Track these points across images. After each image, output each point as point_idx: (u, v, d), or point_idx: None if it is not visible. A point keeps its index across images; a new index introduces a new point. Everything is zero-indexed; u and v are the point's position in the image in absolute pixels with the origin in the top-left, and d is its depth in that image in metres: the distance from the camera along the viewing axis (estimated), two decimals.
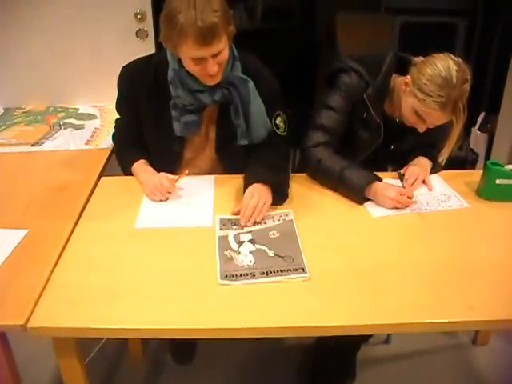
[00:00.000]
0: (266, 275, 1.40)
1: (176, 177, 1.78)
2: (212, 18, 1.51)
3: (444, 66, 1.66)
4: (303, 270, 1.42)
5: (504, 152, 3.24)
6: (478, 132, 3.52)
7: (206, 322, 1.26)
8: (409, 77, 1.76)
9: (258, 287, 1.37)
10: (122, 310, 1.28)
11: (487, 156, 3.43)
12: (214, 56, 1.58)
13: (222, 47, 1.59)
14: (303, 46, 5.14)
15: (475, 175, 1.90)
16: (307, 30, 5.17)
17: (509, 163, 1.84)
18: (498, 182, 1.79)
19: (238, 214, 1.65)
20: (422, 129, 1.80)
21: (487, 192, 1.81)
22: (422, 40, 4.08)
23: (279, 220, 1.65)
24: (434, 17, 4.48)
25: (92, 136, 2.34)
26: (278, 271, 1.41)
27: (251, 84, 1.76)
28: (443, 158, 1.87)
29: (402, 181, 1.84)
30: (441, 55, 1.71)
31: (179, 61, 1.68)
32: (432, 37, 4.18)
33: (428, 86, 1.66)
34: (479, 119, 3.55)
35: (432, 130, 1.83)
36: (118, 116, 2.00)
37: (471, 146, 3.60)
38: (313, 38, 5.15)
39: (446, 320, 1.29)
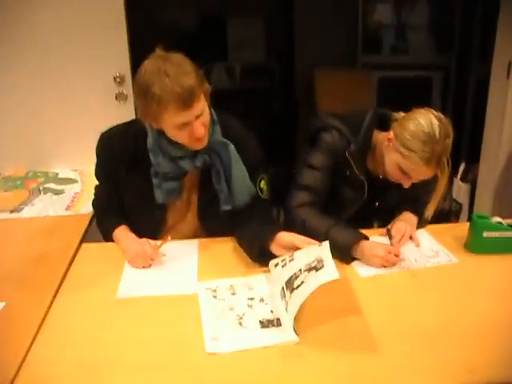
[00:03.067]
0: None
1: (159, 243, 1.74)
2: (187, 80, 1.51)
3: (426, 121, 1.66)
4: (292, 333, 1.36)
5: (487, 201, 3.25)
6: (460, 182, 3.54)
7: None
8: (392, 133, 1.76)
9: (247, 355, 1.31)
10: None
11: (471, 205, 3.45)
12: (197, 118, 1.57)
13: (203, 107, 1.58)
14: (282, 105, 5.21)
15: (462, 228, 1.88)
16: (286, 89, 5.26)
17: (493, 213, 1.83)
18: (485, 235, 1.77)
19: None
20: (406, 184, 1.79)
21: (475, 245, 1.79)
22: (399, 93, 4.18)
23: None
24: (409, 71, 4.59)
25: (72, 201, 2.31)
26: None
27: (232, 147, 1.74)
28: (429, 213, 1.86)
29: (390, 238, 1.81)
30: (422, 110, 1.72)
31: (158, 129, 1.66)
32: (409, 90, 4.27)
33: (411, 141, 1.66)
34: (460, 169, 3.59)
35: (416, 184, 1.82)
36: (97, 182, 1.96)
37: (454, 197, 3.62)
38: (291, 96, 5.24)
39: None
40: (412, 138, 1.67)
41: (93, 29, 2.56)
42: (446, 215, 3.47)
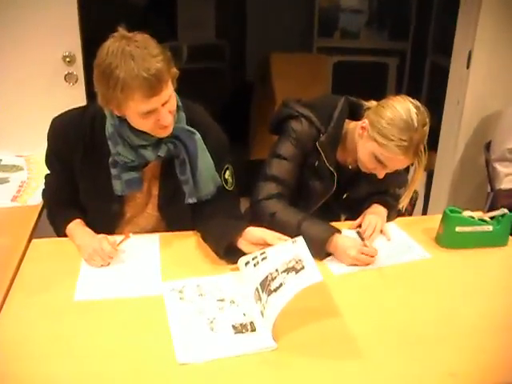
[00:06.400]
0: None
1: (118, 239, 1.61)
2: (155, 64, 1.38)
3: (404, 108, 1.60)
4: (270, 339, 1.27)
5: (444, 189, 3.25)
6: None
7: None
8: (366, 121, 1.68)
9: (222, 363, 1.21)
10: None
11: (427, 193, 3.44)
12: (164, 104, 1.45)
13: (170, 93, 1.47)
14: (233, 87, 5.08)
15: (432, 221, 1.85)
16: (237, 70, 5.13)
17: (449, 202, 1.80)
18: (457, 229, 1.73)
19: None
20: (381, 174, 1.73)
21: (448, 240, 1.76)
22: (354, 78, 4.14)
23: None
24: (365, 56, 4.54)
25: (19, 191, 2.12)
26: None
27: (198, 136, 1.63)
28: (404, 203, 1.80)
29: (362, 239, 1.73)
30: (398, 98, 1.66)
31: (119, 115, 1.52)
32: (364, 76, 4.23)
33: (389, 129, 1.59)
34: None
35: (387, 176, 1.76)
36: (47, 170, 1.80)
37: None
38: (243, 78, 5.11)
39: None
40: (389, 126, 1.60)
41: (40, 4, 2.36)
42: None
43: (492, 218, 1.76)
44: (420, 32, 4.66)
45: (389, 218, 1.89)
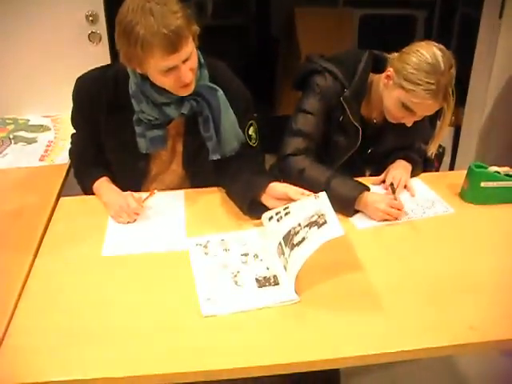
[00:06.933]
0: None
1: (143, 196, 1.64)
2: (175, 21, 1.38)
3: (429, 52, 1.59)
4: (292, 293, 1.30)
5: (471, 145, 3.19)
6: None
7: (190, 365, 1.13)
8: (391, 69, 1.66)
9: (246, 316, 1.25)
10: (92, 356, 1.14)
11: (454, 149, 3.39)
12: (185, 62, 1.45)
13: (191, 50, 1.46)
14: (258, 43, 5.01)
15: (457, 177, 1.82)
16: (262, 26, 5.05)
17: (477, 158, 1.77)
18: (482, 184, 1.71)
19: None
20: (410, 122, 1.72)
21: (472, 195, 1.74)
22: (381, 32, 4.05)
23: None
24: (392, 9, 4.43)
25: (46, 151, 2.16)
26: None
27: (221, 93, 1.63)
28: (433, 150, 1.79)
29: (393, 192, 1.73)
30: (422, 43, 1.64)
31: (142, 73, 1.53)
32: (391, 29, 4.14)
33: (416, 74, 1.58)
34: None
35: (410, 130, 1.76)
36: (73, 130, 1.83)
37: None
38: (268, 34, 5.03)
39: (448, 344, 1.20)
40: (415, 71, 1.58)
41: None
42: (428, 158, 3.40)
43: None
44: None
45: (413, 174, 1.89)
